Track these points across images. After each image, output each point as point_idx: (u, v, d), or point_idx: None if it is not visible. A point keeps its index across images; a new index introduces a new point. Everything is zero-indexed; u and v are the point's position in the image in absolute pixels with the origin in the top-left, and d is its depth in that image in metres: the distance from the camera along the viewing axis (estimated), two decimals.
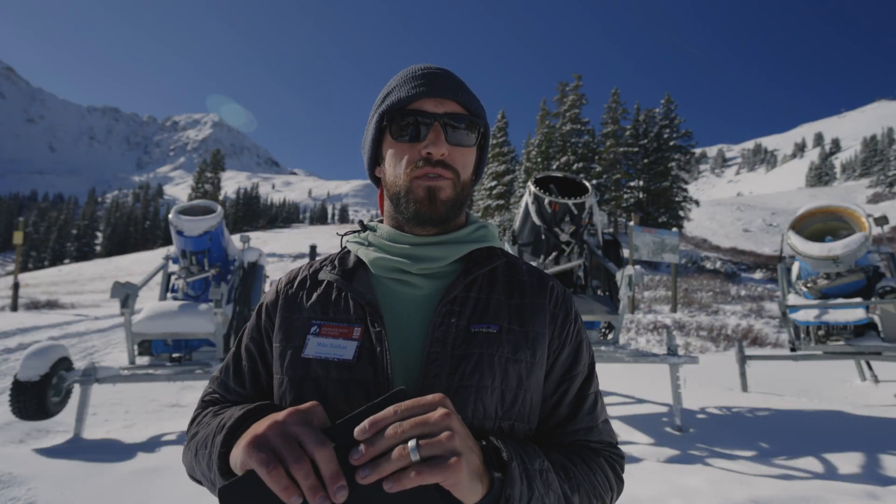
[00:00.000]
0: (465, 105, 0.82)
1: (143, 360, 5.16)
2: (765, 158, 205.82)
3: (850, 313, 5.36)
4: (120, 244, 79.14)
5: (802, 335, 6.05)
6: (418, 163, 0.78)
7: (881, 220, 5.46)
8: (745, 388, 6.06)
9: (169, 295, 5.78)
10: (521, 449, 0.66)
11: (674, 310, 13.66)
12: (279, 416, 0.58)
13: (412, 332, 0.78)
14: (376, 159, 0.88)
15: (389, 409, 0.55)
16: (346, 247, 0.91)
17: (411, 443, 0.53)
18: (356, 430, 0.54)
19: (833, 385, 6.49)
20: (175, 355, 4.95)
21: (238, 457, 0.58)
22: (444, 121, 0.79)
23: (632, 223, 16.35)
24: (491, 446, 0.64)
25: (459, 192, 0.82)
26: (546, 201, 4.88)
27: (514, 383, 0.76)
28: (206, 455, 0.68)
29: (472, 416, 0.73)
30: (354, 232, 0.92)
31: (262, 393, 0.84)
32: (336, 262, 0.87)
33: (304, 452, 0.53)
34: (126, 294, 4.66)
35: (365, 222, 0.91)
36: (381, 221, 0.91)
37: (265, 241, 37.83)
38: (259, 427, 0.58)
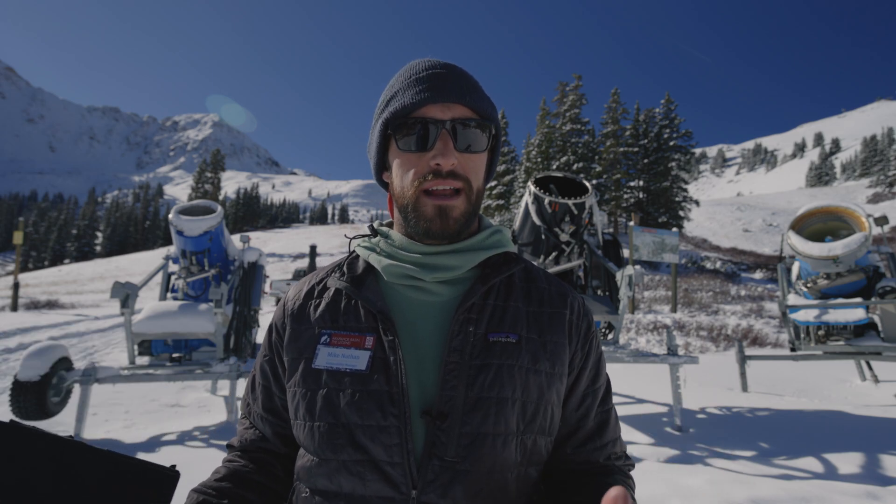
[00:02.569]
0: (474, 107, 0.76)
1: (143, 360, 5.16)
2: (765, 158, 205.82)
3: (850, 313, 5.35)
4: (120, 244, 79.21)
5: (802, 335, 6.05)
6: (427, 175, 0.74)
7: (881, 220, 5.45)
8: (745, 388, 6.05)
9: (169, 295, 5.77)
10: None
11: (674, 310, 13.65)
12: None
13: (426, 341, 0.75)
14: (383, 165, 0.84)
15: None
16: (354, 251, 0.88)
17: None
18: None
19: (833, 385, 6.48)
20: (175, 355, 4.95)
21: None
22: (453, 127, 0.74)
23: (632, 223, 16.34)
24: None
25: (473, 204, 0.77)
26: (546, 201, 4.88)
27: (535, 395, 0.74)
28: None
29: (493, 430, 0.70)
30: (364, 236, 0.88)
31: (273, 408, 0.84)
32: (345, 269, 0.84)
33: None
34: (126, 294, 4.65)
35: (375, 226, 0.87)
36: (391, 225, 0.88)
37: (265, 241, 37.84)
38: None
